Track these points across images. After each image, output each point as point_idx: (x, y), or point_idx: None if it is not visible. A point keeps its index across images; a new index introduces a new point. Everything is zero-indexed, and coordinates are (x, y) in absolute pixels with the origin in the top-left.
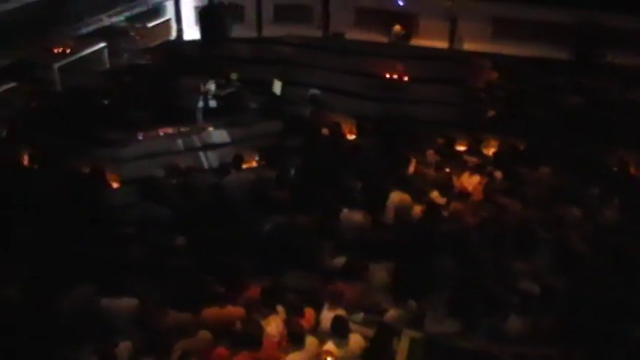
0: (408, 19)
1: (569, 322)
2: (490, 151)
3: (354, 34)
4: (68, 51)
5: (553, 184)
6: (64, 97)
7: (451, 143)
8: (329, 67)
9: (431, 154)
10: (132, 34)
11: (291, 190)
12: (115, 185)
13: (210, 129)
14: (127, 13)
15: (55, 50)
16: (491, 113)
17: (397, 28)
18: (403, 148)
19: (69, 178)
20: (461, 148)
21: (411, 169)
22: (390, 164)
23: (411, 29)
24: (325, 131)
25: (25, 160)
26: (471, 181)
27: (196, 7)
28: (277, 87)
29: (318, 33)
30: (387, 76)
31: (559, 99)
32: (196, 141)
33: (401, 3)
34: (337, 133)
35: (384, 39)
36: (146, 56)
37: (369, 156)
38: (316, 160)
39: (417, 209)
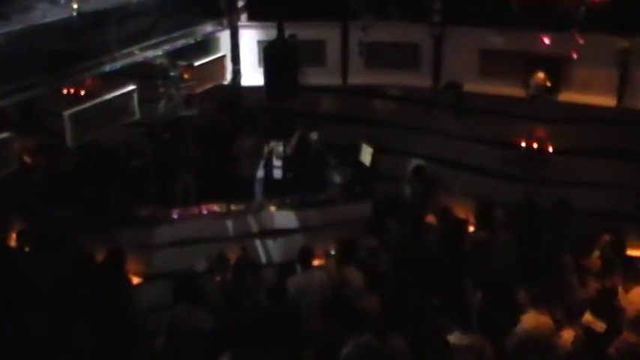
0: (555, 66)
1: None
2: None
3: (476, 86)
4: (83, 93)
5: None
6: (75, 155)
7: (620, 245)
8: (441, 131)
9: (589, 259)
10: (172, 74)
11: (380, 299)
12: (139, 280)
13: (273, 208)
14: (167, 47)
15: (67, 92)
16: None
17: (540, 77)
18: (548, 247)
19: (76, 266)
20: (636, 252)
21: (559, 278)
22: (527, 270)
23: (559, 79)
24: (432, 219)
25: (14, 240)
26: None
27: (260, 42)
28: (367, 155)
29: (426, 82)
30: (524, 144)
31: None
32: (252, 224)
33: (547, 41)
34: (450, 222)
35: (519, 92)
36: (191, 105)
37: (497, 257)
38: (419, 258)
39: (566, 336)
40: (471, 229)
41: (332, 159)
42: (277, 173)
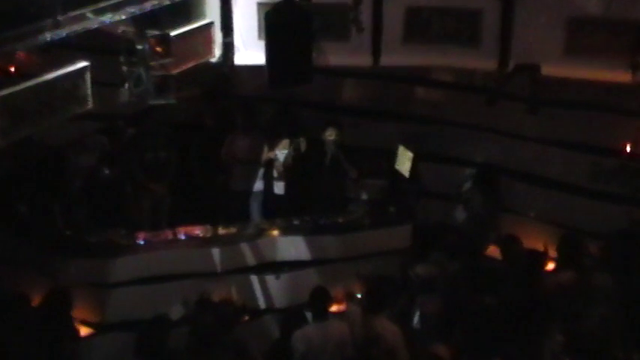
0: None
1: None
2: None
3: (561, 68)
4: (14, 71)
5: None
6: (3, 158)
7: None
8: (509, 130)
9: None
10: (140, 48)
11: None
12: (88, 331)
13: (275, 234)
14: (133, 9)
15: None
16: None
17: None
18: None
19: (3, 312)
20: None
21: None
22: (636, 329)
23: None
24: (495, 251)
25: None
26: None
27: (261, 5)
28: (406, 162)
29: (489, 64)
30: (629, 150)
31: None
32: (246, 254)
33: None
34: (521, 258)
35: (624, 77)
36: (165, 91)
37: (589, 308)
38: (477, 306)
39: None
40: (551, 267)
41: (352, 170)
42: (281, 186)
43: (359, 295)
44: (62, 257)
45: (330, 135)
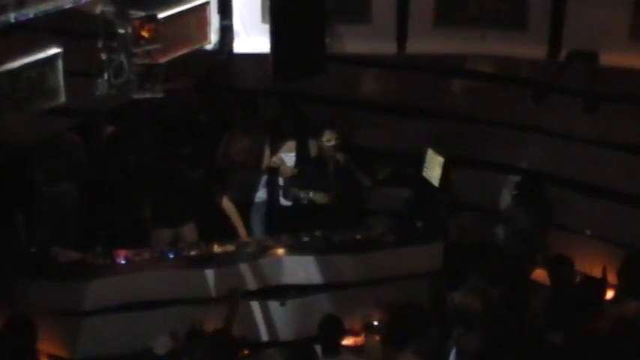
0: None
1: None
2: None
3: (625, 56)
4: None
5: None
6: None
7: None
8: (560, 131)
9: None
10: (122, 32)
11: None
12: None
13: (280, 252)
14: None
15: None
16: None
17: None
18: None
19: None
20: None
21: None
22: None
23: None
24: (543, 275)
25: None
26: None
27: None
28: (436, 168)
29: (537, 51)
30: None
31: None
32: (246, 276)
33: None
34: (574, 284)
35: None
36: (151, 83)
37: None
38: (522, 340)
39: None
40: (612, 296)
41: (364, 177)
42: (286, 198)
43: (378, 325)
44: (26, 279)
45: (329, 140)
